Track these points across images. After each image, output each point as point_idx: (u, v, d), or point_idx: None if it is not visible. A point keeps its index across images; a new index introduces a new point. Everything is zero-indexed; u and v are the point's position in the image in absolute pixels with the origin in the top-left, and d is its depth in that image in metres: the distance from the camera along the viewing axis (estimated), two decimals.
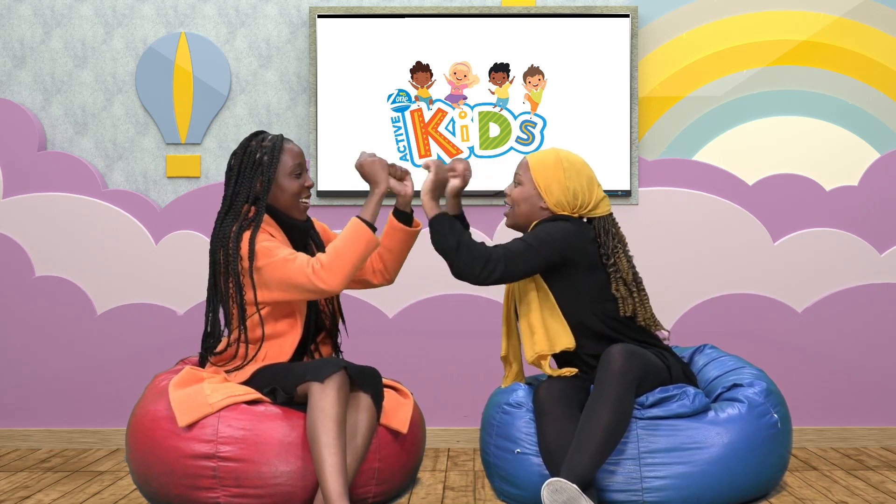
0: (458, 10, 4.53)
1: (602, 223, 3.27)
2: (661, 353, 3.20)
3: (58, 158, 4.56)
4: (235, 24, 4.60)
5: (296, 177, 3.20)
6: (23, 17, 4.59)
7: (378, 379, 3.03)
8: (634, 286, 3.24)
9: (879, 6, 4.56)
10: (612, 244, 3.24)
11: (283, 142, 3.22)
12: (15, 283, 4.55)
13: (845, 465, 4.14)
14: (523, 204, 3.29)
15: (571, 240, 3.17)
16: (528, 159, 3.32)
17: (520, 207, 3.30)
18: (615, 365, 2.96)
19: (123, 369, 4.54)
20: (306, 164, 3.30)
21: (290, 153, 3.21)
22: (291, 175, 3.19)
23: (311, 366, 2.97)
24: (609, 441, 2.89)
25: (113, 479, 3.91)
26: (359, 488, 2.98)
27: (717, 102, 4.59)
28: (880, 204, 4.58)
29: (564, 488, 2.80)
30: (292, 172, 3.19)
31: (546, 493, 2.81)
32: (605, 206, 3.29)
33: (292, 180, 3.19)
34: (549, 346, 3.17)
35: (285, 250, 3.06)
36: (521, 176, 3.31)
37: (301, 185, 3.21)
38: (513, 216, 3.33)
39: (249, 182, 3.15)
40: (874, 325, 4.56)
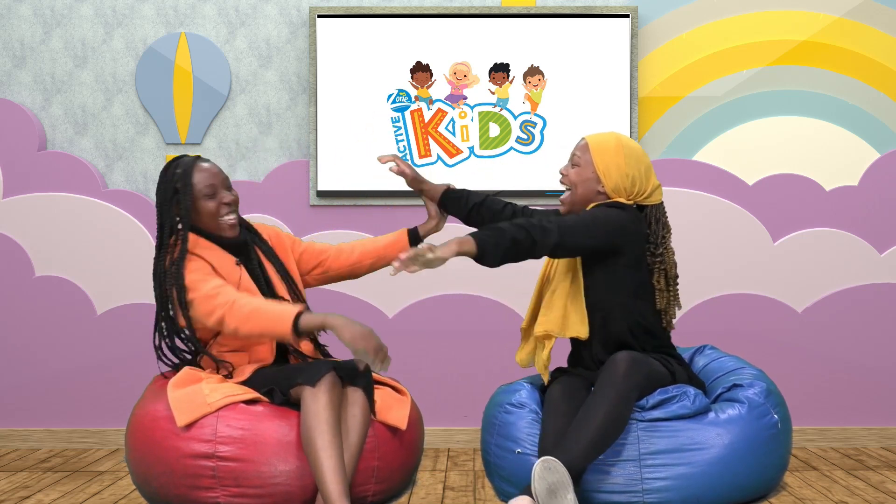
0: (458, 10, 4.53)
1: (654, 211, 3.21)
2: (668, 360, 3.18)
3: (58, 158, 4.56)
4: (235, 24, 4.60)
5: (210, 197, 3.13)
6: (23, 17, 4.59)
7: (367, 371, 3.04)
8: (673, 281, 3.22)
9: (879, 6, 4.57)
10: (662, 233, 3.20)
11: (193, 165, 3.16)
12: (15, 283, 4.55)
13: (845, 465, 4.14)
14: (581, 186, 3.19)
15: (625, 229, 3.10)
16: (587, 141, 3.22)
17: (577, 190, 3.20)
18: (618, 372, 2.94)
19: (123, 369, 4.54)
20: (224, 181, 3.17)
21: (201, 174, 3.14)
22: (206, 196, 3.13)
23: (302, 369, 2.97)
24: (601, 440, 2.87)
25: (113, 479, 3.91)
26: (357, 487, 2.98)
27: (717, 102, 4.59)
28: (880, 204, 4.58)
29: (557, 469, 2.77)
30: (206, 194, 3.13)
31: (538, 469, 2.76)
32: (658, 195, 3.22)
33: (207, 201, 3.13)
34: (559, 329, 3.13)
35: (209, 284, 3.02)
36: (579, 157, 3.21)
37: (218, 203, 3.15)
38: (570, 202, 3.23)
39: (170, 213, 3.14)
40: (874, 325, 4.56)
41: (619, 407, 2.90)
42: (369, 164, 4.53)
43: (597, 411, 2.89)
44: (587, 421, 2.88)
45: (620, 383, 2.92)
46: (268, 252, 3.28)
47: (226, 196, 3.16)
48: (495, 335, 4.56)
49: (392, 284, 4.57)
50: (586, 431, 2.86)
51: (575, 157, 3.23)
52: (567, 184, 3.23)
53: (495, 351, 4.55)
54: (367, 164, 4.53)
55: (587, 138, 3.24)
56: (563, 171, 3.25)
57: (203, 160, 3.20)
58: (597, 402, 2.91)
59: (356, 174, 4.53)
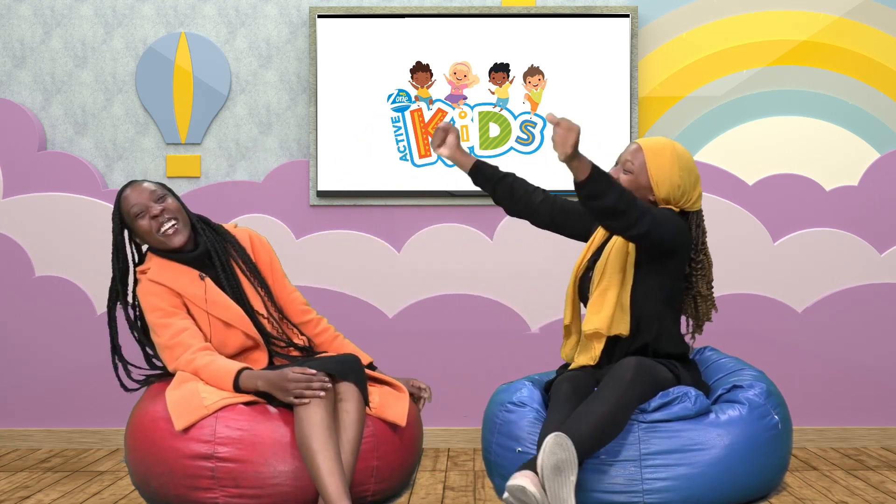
0: (458, 10, 4.53)
1: (695, 217, 3.22)
2: (674, 365, 3.18)
3: (58, 158, 4.56)
4: (235, 24, 4.60)
5: (140, 216, 3.14)
6: (23, 17, 4.59)
7: (357, 364, 3.02)
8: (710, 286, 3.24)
9: (879, 6, 4.56)
10: (702, 238, 3.22)
11: (122, 191, 3.18)
12: (15, 283, 4.55)
13: (845, 465, 4.14)
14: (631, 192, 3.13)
15: (685, 234, 3.12)
16: (643, 147, 3.15)
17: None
18: (624, 378, 2.93)
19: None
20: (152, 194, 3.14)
21: (127, 199, 3.16)
22: (136, 217, 3.14)
23: None
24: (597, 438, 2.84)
25: (113, 479, 3.91)
26: (357, 486, 2.98)
27: (717, 102, 4.59)
28: (880, 204, 4.58)
29: (568, 448, 2.74)
30: (136, 213, 3.14)
31: (550, 443, 2.73)
32: (700, 202, 3.22)
33: (140, 220, 3.14)
34: (606, 327, 3.12)
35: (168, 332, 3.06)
36: (632, 163, 3.15)
37: (148, 221, 3.13)
38: None
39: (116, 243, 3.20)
40: (874, 325, 4.56)
41: (618, 410, 2.89)
42: (369, 164, 4.53)
43: (597, 410, 2.88)
44: (586, 416, 2.87)
45: (625, 389, 2.91)
46: (240, 253, 3.24)
47: (153, 208, 3.13)
48: (495, 335, 4.56)
49: (392, 284, 4.57)
50: (584, 426, 2.85)
51: (627, 164, 3.15)
52: None
53: (495, 351, 4.55)
54: (367, 164, 4.53)
55: (641, 144, 3.17)
56: (613, 175, 3.16)
57: (132, 183, 3.19)
58: (598, 401, 2.90)
59: (356, 174, 4.53)
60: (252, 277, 3.22)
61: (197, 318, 3.12)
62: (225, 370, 2.97)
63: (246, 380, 2.96)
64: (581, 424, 2.84)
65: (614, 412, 2.88)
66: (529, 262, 4.55)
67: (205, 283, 3.14)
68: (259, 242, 3.32)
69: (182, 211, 3.18)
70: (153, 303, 3.11)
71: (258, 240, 3.33)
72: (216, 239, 3.23)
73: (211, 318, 3.12)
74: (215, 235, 3.24)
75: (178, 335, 3.05)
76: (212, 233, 3.24)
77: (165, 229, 3.13)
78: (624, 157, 3.19)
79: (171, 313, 3.09)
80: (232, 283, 3.18)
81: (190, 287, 3.13)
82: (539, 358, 4.27)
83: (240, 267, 3.22)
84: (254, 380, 2.95)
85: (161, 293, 3.11)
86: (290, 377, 2.88)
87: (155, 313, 3.10)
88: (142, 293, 3.15)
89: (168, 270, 3.15)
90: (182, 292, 3.12)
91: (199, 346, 3.04)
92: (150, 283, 3.14)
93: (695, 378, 3.24)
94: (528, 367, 4.28)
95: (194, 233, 3.21)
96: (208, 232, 3.23)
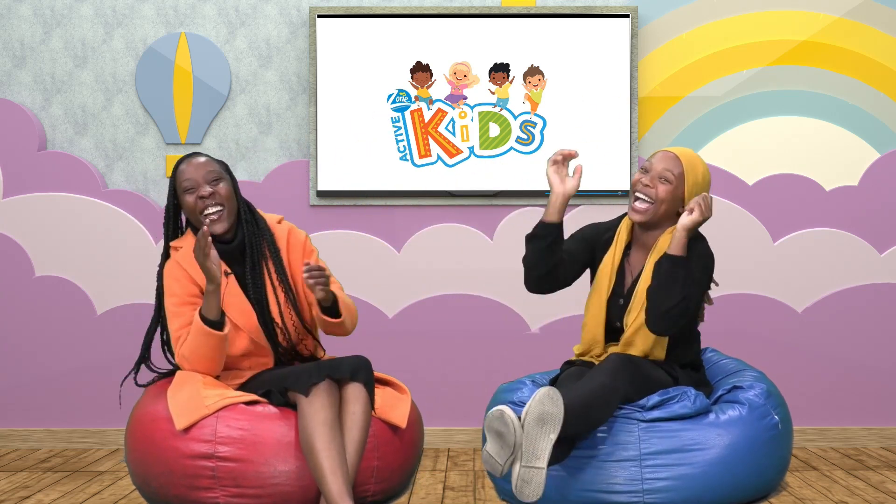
0: (458, 10, 4.53)
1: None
2: (672, 367, 3.18)
3: (58, 158, 4.56)
4: (235, 24, 4.60)
5: (189, 192, 3.08)
6: (23, 17, 4.59)
7: (366, 365, 3.02)
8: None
9: (879, 6, 4.57)
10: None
11: (177, 164, 3.14)
12: (15, 283, 4.55)
13: (845, 465, 4.14)
14: (667, 204, 3.10)
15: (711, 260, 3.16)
16: (681, 160, 3.09)
17: (661, 208, 3.10)
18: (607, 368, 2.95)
19: (123, 369, 4.52)
20: (208, 174, 3.08)
21: (182, 172, 3.10)
22: (185, 191, 3.09)
23: (297, 376, 2.95)
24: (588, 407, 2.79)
25: (113, 479, 3.91)
26: (357, 487, 2.98)
27: (717, 102, 4.59)
28: (880, 204, 4.58)
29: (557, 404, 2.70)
30: (186, 188, 3.09)
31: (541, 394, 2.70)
32: None
33: (187, 196, 3.09)
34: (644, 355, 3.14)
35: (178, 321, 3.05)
36: (672, 174, 3.08)
37: (195, 199, 3.07)
38: (651, 215, 3.11)
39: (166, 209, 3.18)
40: (874, 325, 4.56)
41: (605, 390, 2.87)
42: (369, 164, 4.53)
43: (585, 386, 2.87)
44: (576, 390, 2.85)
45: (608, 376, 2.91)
46: (273, 255, 3.16)
47: (203, 189, 3.07)
48: (495, 335, 4.56)
49: (392, 284, 4.57)
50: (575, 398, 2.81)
51: (667, 173, 3.08)
52: (652, 197, 3.09)
53: (495, 351, 4.55)
54: (367, 164, 4.53)
55: (679, 156, 3.11)
56: (649, 184, 3.09)
57: (193, 155, 3.14)
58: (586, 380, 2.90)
59: (356, 174, 4.53)
60: (277, 283, 3.15)
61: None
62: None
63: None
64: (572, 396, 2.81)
65: (600, 392, 2.86)
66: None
67: (227, 280, 3.11)
68: (295, 241, 3.23)
69: (232, 198, 3.12)
70: (172, 287, 3.09)
71: (295, 239, 3.23)
72: (256, 234, 3.15)
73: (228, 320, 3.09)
74: (256, 230, 3.16)
75: (187, 327, 3.05)
76: (254, 226, 3.16)
77: (209, 213, 3.08)
78: (660, 166, 3.11)
79: (186, 303, 3.08)
80: (257, 285, 3.13)
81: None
82: (539, 358, 4.27)
83: (267, 269, 3.15)
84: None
85: (182, 279, 3.09)
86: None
87: (171, 299, 3.08)
88: (166, 272, 3.13)
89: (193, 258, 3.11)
90: (202, 284, 3.08)
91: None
92: (176, 265, 3.10)
93: (697, 378, 3.24)
94: (528, 367, 4.28)
95: (237, 223, 3.15)
96: (250, 226, 3.16)
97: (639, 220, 3.13)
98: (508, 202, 4.56)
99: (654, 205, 3.10)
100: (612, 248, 3.21)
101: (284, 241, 3.21)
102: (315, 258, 3.25)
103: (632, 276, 3.19)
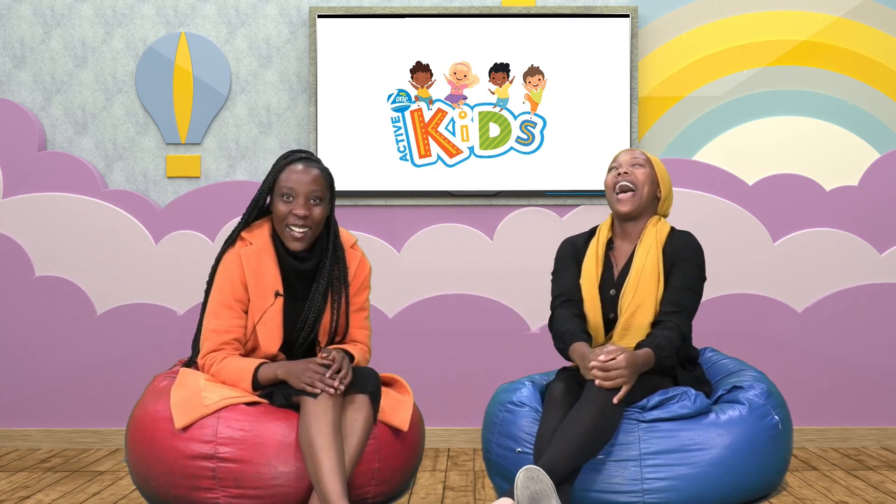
0: (458, 10, 4.53)
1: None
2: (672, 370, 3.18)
3: (58, 158, 4.56)
4: (235, 24, 4.60)
5: (285, 200, 2.99)
6: (23, 17, 4.58)
7: (375, 377, 3.02)
8: None
9: (879, 6, 4.56)
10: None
11: (288, 160, 3.04)
12: (15, 283, 4.55)
13: (845, 465, 4.14)
14: (647, 187, 3.21)
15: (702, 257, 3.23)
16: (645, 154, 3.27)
17: (643, 190, 3.21)
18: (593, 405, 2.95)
19: (123, 369, 4.54)
20: (311, 192, 2.97)
21: (289, 173, 3.01)
22: (281, 197, 3.00)
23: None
24: (589, 444, 2.86)
25: (113, 479, 3.91)
26: (358, 488, 2.97)
27: (717, 102, 4.59)
28: (880, 204, 4.58)
29: (540, 479, 2.76)
30: (283, 194, 3.00)
31: (521, 477, 2.76)
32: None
33: (281, 203, 3.00)
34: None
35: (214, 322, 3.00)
36: (640, 159, 3.24)
37: (287, 210, 2.97)
38: (639, 199, 3.21)
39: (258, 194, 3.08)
40: (874, 325, 4.56)
41: (605, 411, 2.89)
42: (369, 164, 4.53)
43: (584, 415, 2.88)
44: (574, 425, 2.87)
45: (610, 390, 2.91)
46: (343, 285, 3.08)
47: (299, 208, 2.98)
48: (495, 335, 4.56)
49: (392, 284, 4.57)
50: (573, 436, 2.85)
51: (636, 160, 3.23)
52: (632, 183, 3.20)
53: (495, 351, 4.55)
54: (367, 164, 4.53)
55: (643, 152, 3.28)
56: (626, 171, 3.22)
57: (308, 161, 3.03)
58: (586, 405, 2.90)
59: (356, 174, 4.53)
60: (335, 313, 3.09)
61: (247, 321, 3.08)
62: (243, 369, 2.95)
63: (265, 372, 2.94)
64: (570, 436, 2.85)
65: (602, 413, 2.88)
66: (529, 262, 4.55)
67: (276, 301, 3.04)
68: (360, 273, 3.17)
69: (322, 223, 3.04)
70: (222, 284, 3.02)
71: (361, 272, 3.17)
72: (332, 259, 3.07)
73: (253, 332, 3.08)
74: (333, 255, 3.08)
75: (220, 333, 3.00)
76: (332, 251, 3.08)
77: (294, 231, 2.99)
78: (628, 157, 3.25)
79: (229, 305, 3.02)
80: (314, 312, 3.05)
81: (260, 295, 3.04)
82: (539, 358, 4.27)
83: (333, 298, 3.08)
84: (272, 370, 2.93)
85: (234, 281, 3.02)
86: (309, 366, 2.86)
87: (217, 295, 3.02)
88: (224, 262, 3.04)
89: (260, 263, 3.04)
90: (251, 293, 3.03)
91: (226, 355, 3.01)
92: (236, 261, 3.03)
93: (695, 375, 3.24)
94: (528, 367, 4.29)
95: (316, 241, 3.07)
96: (328, 252, 3.07)
97: (628, 210, 3.21)
98: (508, 202, 4.56)
99: (637, 190, 3.21)
100: (595, 242, 3.28)
101: (353, 269, 3.16)
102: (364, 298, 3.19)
103: (618, 268, 3.24)
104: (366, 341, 3.19)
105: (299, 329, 3.08)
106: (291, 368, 2.91)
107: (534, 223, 4.57)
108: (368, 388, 2.99)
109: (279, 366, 2.94)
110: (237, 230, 3.10)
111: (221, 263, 3.06)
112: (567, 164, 4.53)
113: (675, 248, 3.18)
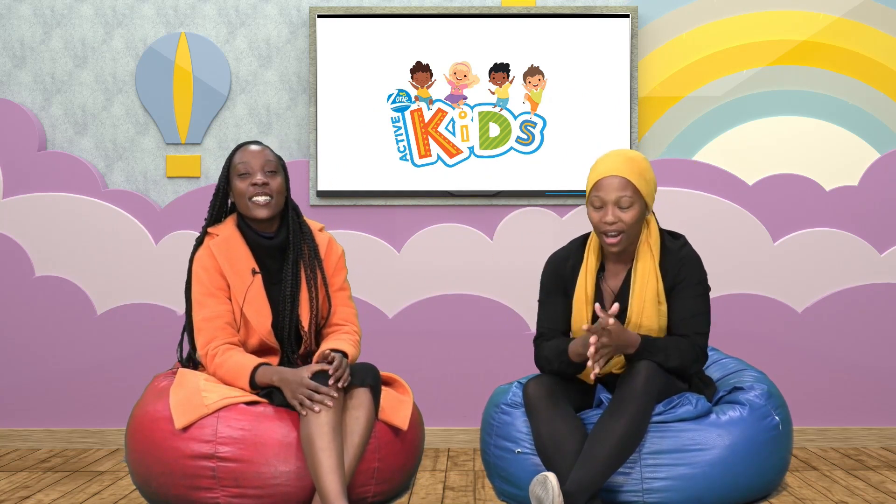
0: (458, 10, 4.53)
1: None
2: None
3: (58, 158, 4.56)
4: (235, 24, 4.60)
5: (242, 177, 3.10)
6: (23, 17, 4.59)
7: (375, 373, 3.03)
8: None
9: (879, 6, 4.57)
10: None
11: (241, 146, 3.16)
12: (15, 283, 4.55)
13: (845, 465, 4.14)
14: (635, 226, 3.04)
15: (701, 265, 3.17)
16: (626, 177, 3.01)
17: (632, 231, 3.04)
18: (639, 380, 2.92)
19: (123, 369, 4.54)
20: (265, 164, 3.09)
21: (242, 154, 3.13)
22: (239, 176, 3.11)
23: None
24: (620, 454, 2.86)
25: (113, 479, 3.91)
26: (358, 488, 2.98)
27: (717, 102, 4.59)
28: (880, 204, 4.58)
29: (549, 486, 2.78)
30: (240, 172, 3.10)
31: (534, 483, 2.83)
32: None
33: (239, 181, 3.11)
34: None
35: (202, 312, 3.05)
36: (627, 196, 3.00)
37: (247, 184, 3.08)
38: (626, 240, 3.05)
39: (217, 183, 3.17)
40: (874, 325, 4.56)
41: (636, 420, 2.88)
42: (369, 164, 4.53)
43: (615, 427, 2.86)
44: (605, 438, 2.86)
45: (641, 396, 2.90)
46: (315, 260, 3.16)
47: (258, 177, 3.08)
48: (495, 335, 4.56)
49: (392, 284, 4.57)
50: (604, 450, 2.84)
51: (622, 200, 3.00)
52: (622, 228, 3.02)
53: (495, 351, 4.55)
54: (367, 164, 4.53)
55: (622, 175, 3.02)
56: (613, 220, 3.00)
57: (254, 143, 3.17)
58: (616, 415, 2.88)
59: (356, 174, 4.53)
60: (313, 289, 3.15)
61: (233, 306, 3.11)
62: (242, 366, 2.99)
63: (262, 375, 2.97)
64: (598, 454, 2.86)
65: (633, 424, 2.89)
66: (529, 262, 4.54)
67: (253, 279, 3.11)
68: (331, 254, 3.23)
69: (282, 194, 3.12)
70: (200, 276, 3.09)
71: (332, 251, 3.23)
72: (299, 235, 3.16)
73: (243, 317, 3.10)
74: (299, 231, 3.17)
75: (211, 320, 3.05)
76: (298, 228, 3.17)
77: (257, 199, 3.08)
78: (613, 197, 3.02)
79: (211, 293, 3.08)
80: (292, 287, 3.12)
81: (237, 277, 3.10)
82: None
83: (307, 274, 3.14)
84: (269, 375, 2.96)
85: (210, 270, 3.09)
86: (302, 382, 2.89)
87: (198, 287, 3.09)
88: (196, 260, 3.13)
89: (231, 249, 3.11)
90: (228, 279, 3.09)
91: (223, 341, 3.04)
92: (208, 254, 3.10)
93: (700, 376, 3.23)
94: (527, 367, 4.28)
95: (280, 222, 3.16)
96: (295, 226, 3.16)
97: (618, 250, 3.07)
98: (508, 202, 4.56)
99: (626, 231, 3.04)
100: (583, 276, 3.12)
101: (323, 249, 3.21)
102: (343, 278, 3.25)
103: (613, 293, 3.13)
104: (353, 320, 3.24)
105: (282, 307, 3.12)
106: (287, 377, 2.93)
107: (534, 223, 4.57)
108: (368, 381, 2.99)
109: (276, 371, 2.96)
110: (203, 230, 3.19)
111: (195, 262, 3.13)
112: (567, 164, 4.53)
113: (672, 265, 3.07)
